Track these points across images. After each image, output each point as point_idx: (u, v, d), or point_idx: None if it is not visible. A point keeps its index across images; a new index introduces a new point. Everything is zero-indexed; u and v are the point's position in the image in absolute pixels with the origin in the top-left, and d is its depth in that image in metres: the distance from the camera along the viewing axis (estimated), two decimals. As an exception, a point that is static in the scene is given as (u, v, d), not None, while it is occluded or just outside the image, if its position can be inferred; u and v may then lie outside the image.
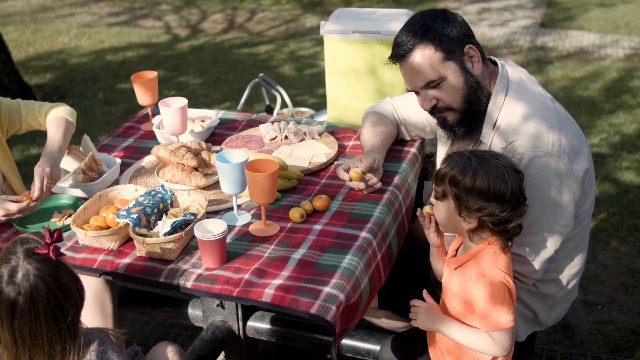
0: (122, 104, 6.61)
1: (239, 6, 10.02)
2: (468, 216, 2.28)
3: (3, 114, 3.01)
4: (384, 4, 10.05)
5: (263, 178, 2.45)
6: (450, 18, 2.57)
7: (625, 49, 7.95)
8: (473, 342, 2.32)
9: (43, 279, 1.96)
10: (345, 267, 2.37)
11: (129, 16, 9.63)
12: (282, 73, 7.41)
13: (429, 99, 2.61)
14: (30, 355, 2.01)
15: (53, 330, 1.99)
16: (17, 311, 1.95)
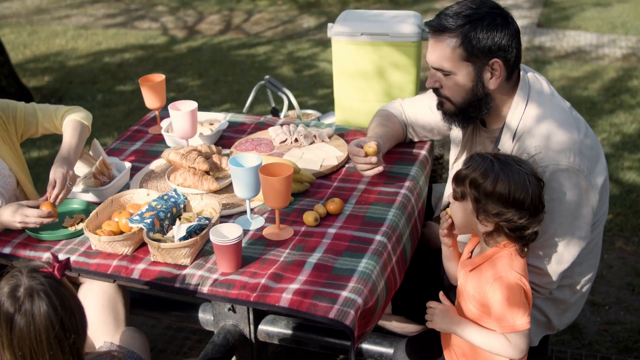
0: (121, 105, 6.59)
1: (235, 7, 10.00)
2: (485, 220, 2.28)
3: (19, 119, 2.99)
4: (381, 5, 10.04)
5: (278, 182, 2.43)
6: (496, 25, 2.49)
7: (622, 48, 7.96)
8: (489, 344, 2.32)
9: (46, 293, 1.88)
10: (362, 271, 2.36)
11: (125, 18, 9.60)
12: (281, 74, 7.40)
13: (433, 80, 2.62)
14: None
15: (55, 350, 1.90)
16: (16, 327, 1.87)
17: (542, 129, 2.52)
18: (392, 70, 3.31)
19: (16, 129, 3.01)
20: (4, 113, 2.97)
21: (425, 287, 2.86)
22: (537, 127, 2.53)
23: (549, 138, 2.49)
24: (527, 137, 2.53)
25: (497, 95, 2.59)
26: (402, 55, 3.27)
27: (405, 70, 3.30)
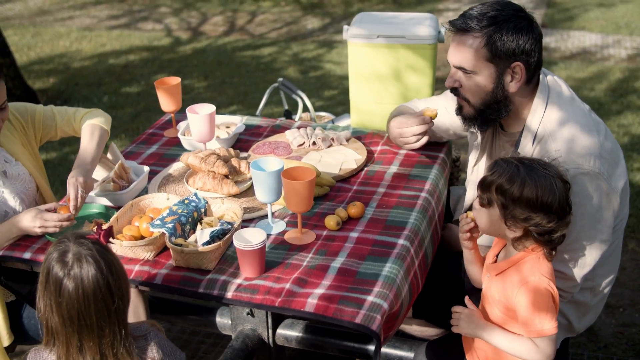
0: (128, 107, 6.57)
1: (238, 8, 9.99)
2: (514, 225, 2.26)
3: (37, 122, 2.98)
4: (384, 5, 10.03)
5: (301, 186, 2.42)
6: (521, 29, 2.50)
7: (627, 49, 7.95)
8: (516, 348, 2.31)
9: (94, 258, 1.95)
10: (386, 275, 2.35)
11: (129, 19, 9.58)
12: (287, 76, 7.38)
13: (454, 80, 2.62)
14: (80, 338, 1.98)
15: (102, 312, 1.96)
16: (65, 291, 1.93)
17: (563, 132, 2.51)
18: (409, 72, 3.30)
19: (35, 132, 3.00)
20: (22, 117, 2.96)
21: (446, 290, 2.86)
22: (557, 130, 2.52)
23: (570, 141, 2.49)
24: (548, 140, 2.52)
25: (517, 99, 2.59)
26: (419, 58, 3.26)
27: (421, 73, 3.29)
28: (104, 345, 2.01)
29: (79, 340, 1.99)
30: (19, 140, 2.93)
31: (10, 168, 2.83)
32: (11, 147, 2.88)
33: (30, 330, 2.89)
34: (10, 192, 2.80)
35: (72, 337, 1.98)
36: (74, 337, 1.98)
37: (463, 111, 2.66)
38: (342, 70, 7.48)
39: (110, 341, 2.01)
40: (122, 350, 2.03)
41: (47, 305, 1.98)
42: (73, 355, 2.00)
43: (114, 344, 2.01)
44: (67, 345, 1.99)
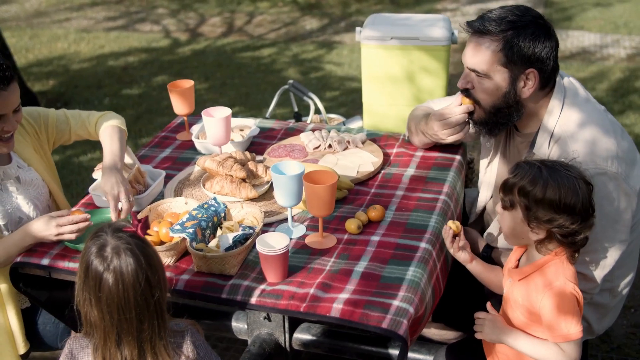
0: (129, 109, 6.54)
1: (236, 9, 9.96)
2: (537, 227, 2.25)
3: (51, 126, 2.95)
4: (382, 6, 10.02)
5: (323, 190, 2.40)
6: (538, 36, 2.49)
7: (626, 48, 7.96)
8: (542, 353, 2.29)
9: (132, 251, 1.95)
10: (411, 279, 2.34)
11: (126, 20, 9.54)
12: (288, 77, 7.36)
13: (466, 81, 2.62)
14: (118, 332, 1.99)
15: (141, 306, 1.96)
16: (105, 285, 1.93)
17: (580, 133, 2.51)
18: (422, 74, 3.29)
19: (48, 137, 2.97)
20: (35, 122, 2.93)
21: (465, 293, 2.85)
22: (574, 131, 2.52)
23: (587, 142, 2.49)
24: (567, 141, 2.52)
25: (530, 104, 2.59)
26: (433, 60, 3.25)
27: (435, 75, 3.28)
28: (142, 340, 2.01)
29: (118, 335, 1.99)
30: (32, 145, 2.90)
31: (24, 174, 2.80)
32: (24, 153, 2.85)
33: (45, 337, 2.86)
34: (24, 198, 2.77)
35: (110, 331, 1.98)
36: (113, 331, 1.98)
37: (473, 115, 2.66)
38: (342, 72, 7.47)
39: (149, 335, 2.01)
40: (159, 345, 2.03)
41: (86, 300, 1.98)
42: (111, 349, 2.00)
43: (152, 338, 2.01)
44: (104, 338, 1.99)
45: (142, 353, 2.02)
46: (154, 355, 2.03)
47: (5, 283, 2.70)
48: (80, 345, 2.11)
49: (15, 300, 2.75)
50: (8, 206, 2.73)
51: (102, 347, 2.01)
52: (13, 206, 2.74)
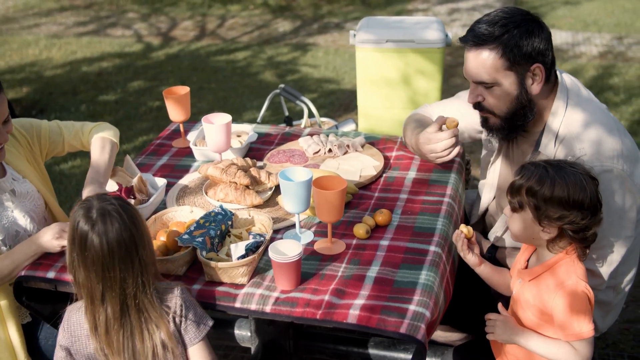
0: (107, 116, 6.46)
1: (207, 12, 9.90)
2: (549, 225, 2.27)
3: (44, 137, 2.91)
4: (353, 7, 10.04)
5: (333, 195, 2.39)
6: (533, 31, 2.51)
7: (598, 46, 8.07)
8: (554, 353, 2.31)
9: (117, 211, 2.10)
10: (424, 283, 2.34)
11: (97, 25, 9.43)
12: (264, 80, 7.34)
13: (476, 94, 2.62)
14: (103, 290, 2.12)
15: (125, 264, 2.10)
16: (90, 245, 2.07)
17: (585, 133, 2.54)
18: (418, 76, 3.29)
19: (41, 148, 2.93)
20: (27, 133, 2.89)
21: (470, 295, 2.85)
22: (579, 132, 2.54)
23: (592, 142, 2.51)
24: (573, 141, 2.54)
25: (539, 101, 2.60)
26: (428, 62, 3.26)
27: (430, 77, 3.29)
28: (126, 296, 2.13)
29: (102, 293, 2.12)
30: (25, 157, 2.86)
31: (19, 186, 2.75)
32: (18, 164, 2.80)
33: (47, 351, 2.81)
34: (20, 211, 2.72)
35: (96, 289, 2.11)
36: (98, 289, 2.11)
37: (489, 123, 2.66)
38: (319, 74, 7.47)
39: (132, 291, 2.13)
40: (144, 300, 2.16)
41: (74, 261, 2.12)
42: (97, 307, 2.14)
43: (136, 294, 2.14)
44: (91, 297, 2.13)
45: (125, 309, 2.14)
46: (138, 310, 2.16)
47: (5, 299, 2.65)
48: (75, 308, 2.23)
49: (15, 315, 2.70)
50: (4, 220, 2.68)
51: (90, 307, 2.14)
52: (9, 220, 2.69)
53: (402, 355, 2.89)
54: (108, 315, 2.14)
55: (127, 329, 2.16)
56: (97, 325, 2.15)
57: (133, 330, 2.16)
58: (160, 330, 2.17)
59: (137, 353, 2.18)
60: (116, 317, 2.14)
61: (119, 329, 2.15)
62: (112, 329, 2.15)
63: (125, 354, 2.17)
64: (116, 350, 2.17)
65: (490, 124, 2.66)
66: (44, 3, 10.54)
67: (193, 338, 2.25)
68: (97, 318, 2.15)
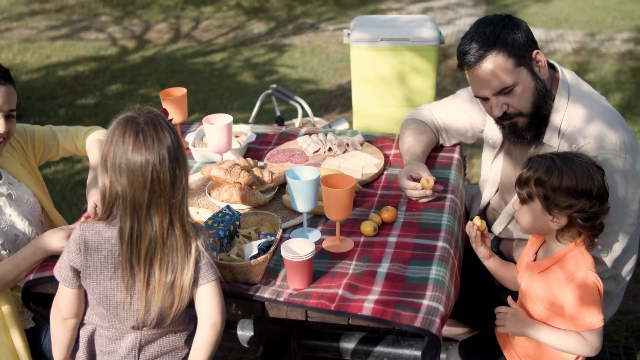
0: (86, 120, 6.41)
1: (180, 14, 9.86)
2: (558, 214, 2.30)
3: (37, 142, 2.89)
4: (327, 7, 10.07)
5: (342, 193, 2.40)
6: (517, 23, 2.60)
7: (571, 42, 8.17)
8: (565, 343, 2.34)
9: (165, 121, 2.07)
10: (435, 278, 2.36)
11: (70, 29, 9.34)
12: (243, 81, 7.33)
13: (500, 105, 2.62)
14: (149, 199, 2.03)
15: (175, 172, 2.03)
16: (138, 143, 2.00)
17: (588, 125, 2.59)
18: (413, 75, 3.32)
19: (35, 153, 2.92)
20: (21, 138, 2.87)
21: (474, 289, 2.88)
22: (581, 127, 2.60)
23: (595, 134, 2.57)
24: (577, 136, 2.59)
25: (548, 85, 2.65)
26: (423, 60, 3.28)
27: (425, 75, 3.32)
28: (172, 210, 2.05)
29: (149, 201, 2.02)
30: (19, 161, 2.84)
31: (15, 190, 2.73)
32: (12, 169, 2.79)
33: (51, 357, 2.78)
34: (17, 215, 2.71)
35: (140, 197, 2.01)
36: (143, 197, 2.01)
37: (519, 126, 2.67)
38: (297, 74, 7.48)
39: (178, 206, 2.06)
40: (186, 218, 2.10)
41: (114, 168, 2.01)
42: (140, 217, 2.04)
43: (181, 211, 2.08)
44: (132, 207, 2.02)
45: (171, 221, 2.06)
46: (182, 226, 2.08)
47: (7, 304, 2.63)
48: (93, 231, 2.10)
49: (18, 320, 2.68)
50: (3, 224, 2.66)
51: (130, 216, 2.03)
52: (8, 224, 2.67)
53: (407, 351, 2.92)
54: (155, 227, 2.04)
55: (172, 241, 2.08)
56: (135, 236, 2.05)
57: (177, 243, 2.08)
58: (192, 255, 2.11)
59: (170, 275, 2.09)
60: (164, 227, 2.05)
61: (163, 243, 2.06)
62: (157, 242, 2.06)
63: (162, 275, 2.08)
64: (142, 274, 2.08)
65: (520, 126, 2.67)
66: (14, 7, 10.42)
67: (208, 275, 2.16)
68: (139, 228, 2.04)
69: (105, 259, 2.10)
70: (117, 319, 2.18)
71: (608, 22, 8.91)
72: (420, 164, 2.79)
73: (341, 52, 8.14)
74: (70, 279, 2.18)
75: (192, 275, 2.10)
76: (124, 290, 2.11)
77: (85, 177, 5.32)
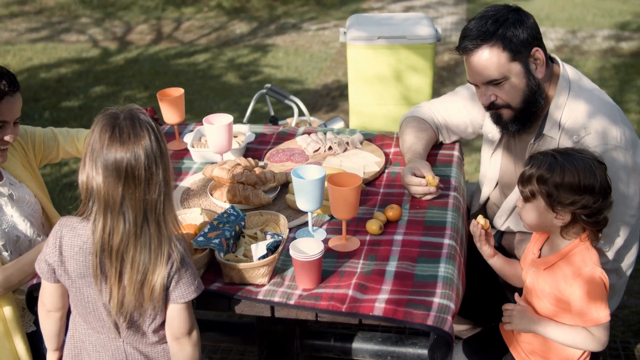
0: (71, 122, 6.34)
1: (161, 16, 9.80)
2: (562, 211, 2.31)
3: (38, 143, 2.87)
4: (308, 7, 10.05)
5: (349, 192, 2.39)
6: (522, 19, 2.58)
7: (553, 40, 8.22)
8: (573, 339, 2.35)
9: (145, 119, 2.01)
10: (444, 276, 2.35)
11: (50, 31, 9.25)
12: (228, 82, 7.30)
13: (488, 95, 2.64)
14: (122, 194, 1.98)
15: (150, 169, 1.97)
16: (113, 139, 1.95)
17: (586, 113, 2.61)
18: (410, 72, 3.31)
19: (35, 154, 2.89)
20: (22, 139, 2.84)
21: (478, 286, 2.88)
22: (580, 113, 2.62)
23: (594, 121, 2.58)
24: (573, 123, 2.60)
25: (544, 84, 2.65)
26: (419, 58, 3.28)
27: (422, 72, 3.31)
28: (147, 204, 2.01)
29: (122, 197, 1.97)
30: (20, 162, 2.81)
31: (16, 190, 2.70)
32: (13, 169, 2.76)
33: (53, 361, 2.76)
34: (19, 216, 2.67)
35: (114, 193, 1.97)
36: (117, 193, 1.97)
37: (503, 118, 2.69)
38: (282, 74, 7.46)
39: (154, 202, 2.01)
40: (165, 218, 2.04)
41: (92, 165, 1.97)
42: (114, 215, 1.98)
43: (157, 207, 2.02)
44: (105, 203, 1.98)
45: (145, 219, 2.01)
46: (157, 225, 2.03)
47: (9, 306, 2.60)
48: (70, 226, 2.08)
49: (20, 324, 2.65)
50: (4, 225, 2.62)
51: (103, 216, 1.99)
52: (10, 225, 2.64)
53: (411, 350, 2.91)
54: (127, 221, 1.99)
55: (146, 239, 2.02)
56: (107, 232, 2.00)
57: (150, 242, 2.03)
58: (166, 258, 2.05)
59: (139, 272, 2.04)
60: (137, 224, 2.00)
61: (135, 240, 2.01)
62: (129, 238, 2.01)
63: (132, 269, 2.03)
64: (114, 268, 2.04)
65: (505, 118, 2.69)
66: (-8, 9, 10.33)
67: (182, 295, 2.12)
68: (111, 224, 1.99)
69: (77, 255, 2.08)
70: (95, 317, 2.16)
71: (589, 20, 8.98)
72: (423, 162, 2.79)
73: (325, 52, 8.14)
74: (46, 272, 2.16)
75: (163, 279, 2.06)
76: (96, 286, 2.08)
77: (73, 179, 5.27)
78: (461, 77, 7.06)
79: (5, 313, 2.60)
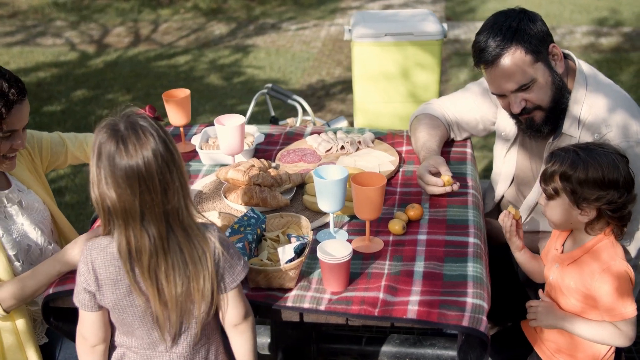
0: (55, 127, 6.23)
1: (138, 18, 9.68)
2: (587, 208, 2.28)
3: (45, 149, 2.78)
4: (286, 7, 9.99)
5: (374, 192, 2.35)
6: (532, 17, 2.58)
7: (533, 37, 8.24)
8: (600, 334, 2.33)
9: (148, 123, 1.89)
10: (473, 275, 2.31)
11: (25, 35, 9.09)
12: (212, 83, 7.21)
13: (519, 102, 2.60)
14: (142, 209, 1.88)
15: (164, 175, 1.87)
16: (121, 154, 1.84)
17: (606, 108, 2.60)
18: (417, 70, 3.28)
19: (42, 159, 2.81)
20: (28, 144, 2.77)
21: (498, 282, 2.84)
22: (600, 108, 2.60)
23: (614, 116, 2.58)
24: (594, 119, 2.58)
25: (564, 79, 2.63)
26: (427, 54, 3.24)
27: (429, 70, 3.28)
28: (169, 214, 1.90)
29: (141, 211, 1.87)
30: (26, 168, 2.74)
31: (25, 197, 2.62)
32: (22, 175, 2.68)
33: (66, 373, 2.68)
34: (30, 224, 2.59)
35: (132, 208, 1.86)
36: (135, 207, 1.86)
37: (536, 122, 2.66)
38: (265, 75, 7.39)
39: (175, 209, 1.91)
40: (189, 221, 1.94)
41: (101, 182, 1.87)
42: (134, 229, 1.89)
43: (179, 213, 1.92)
44: (125, 218, 1.88)
45: (170, 229, 1.92)
46: (184, 231, 1.94)
47: (22, 318, 2.51)
48: (98, 248, 1.97)
49: (33, 336, 2.57)
50: (15, 234, 2.54)
51: (125, 232, 1.89)
52: (20, 233, 2.56)
53: (430, 351, 2.87)
54: (152, 236, 1.89)
55: (175, 249, 1.93)
56: (134, 250, 1.91)
57: (181, 250, 1.94)
58: (206, 258, 1.96)
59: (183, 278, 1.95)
60: (163, 237, 1.90)
61: (165, 254, 1.92)
62: (157, 254, 1.92)
63: (177, 277, 1.94)
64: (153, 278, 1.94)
65: (537, 122, 2.66)
66: (-37, 14, 10.13)
67: (233, 279, 2.05)
68: (135, 242, 1.89)
69: (115, 275, 1.97)
70: (146, 334, 2.06)
71: (566, 16, 9.02)
72: (438, 158, 2.75)
73: (307, 52, 8.08)
74: (88, 302, 2.03)
75: (212, 275, 1.97)
76: (141, 304, 1.99)
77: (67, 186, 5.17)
78: (451, 74, 7.05)
79: (18, 325, 2.52)
